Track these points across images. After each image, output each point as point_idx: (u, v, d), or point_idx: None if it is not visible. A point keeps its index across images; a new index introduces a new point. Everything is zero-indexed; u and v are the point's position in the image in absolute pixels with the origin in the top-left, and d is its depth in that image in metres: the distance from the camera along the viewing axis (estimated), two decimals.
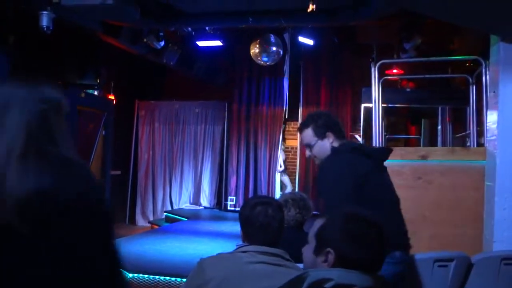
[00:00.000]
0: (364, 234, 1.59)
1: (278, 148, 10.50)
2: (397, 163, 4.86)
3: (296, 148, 10.57)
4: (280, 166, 10.51)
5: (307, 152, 2.96)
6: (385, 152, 2.93)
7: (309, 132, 2.87)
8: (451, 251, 3.08)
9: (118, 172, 9.59)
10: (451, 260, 2.85)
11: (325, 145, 2.83)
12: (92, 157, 7.85)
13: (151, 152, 11.05)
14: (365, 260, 1.57)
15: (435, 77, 7.62)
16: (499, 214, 4.21)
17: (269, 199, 2.36)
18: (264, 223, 2.19)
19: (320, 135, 2.83)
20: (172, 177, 11.04)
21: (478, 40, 5.94)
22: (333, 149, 2.79)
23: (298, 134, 10.38)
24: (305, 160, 10.13)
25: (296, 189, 9.98)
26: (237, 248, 2.22)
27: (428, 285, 2.81)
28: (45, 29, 5.60)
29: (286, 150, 10.79)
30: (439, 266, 2.82)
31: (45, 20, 5.59)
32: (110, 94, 9.31)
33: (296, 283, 1.61)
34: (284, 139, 10.73)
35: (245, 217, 2.25)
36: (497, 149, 4.29)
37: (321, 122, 2.86)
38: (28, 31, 6.12)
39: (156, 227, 9.34)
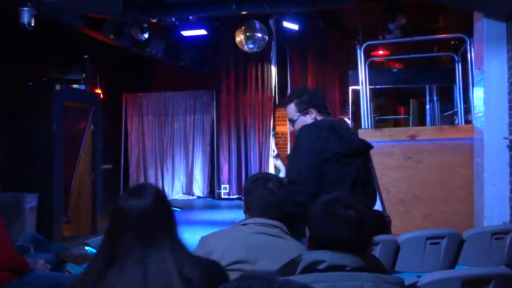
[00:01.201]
0: (340, 214, 1.58)
1: (269, 134, 10.53)
2: (387, 144, 4.90)
3: (287, 134, 10.58)
4: (274, 151, 10.56)
5: (289, 127, 2.98)
6: (360, 144, 2.84)
7: (292, 107, 2.88)
8: (443, 228, 3.11)
9: (109, 166, 9.55)
10: (442, 237, 2.88)
11: (307, 121, 2.84)
12: (81, 152, 7.80)
13: (141, 145, 11.01)
14: (340, 239, 1.57)
15: (421, 56, 7.63)
16: (488, 190, 4.26)
17: (270, 175, 2.47)
18: (262, 196, 2.26)
19: (303, 111, 2.85)
20: (163, 168, 11.03)
21: (462, 17, 5.96)
22: (313, 122, 2.81)
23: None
24: None
25: None
26: (237, 223, 2.29)
27: (421, 263, 2.84)
28: (26, 25, 5.52)
29: (276, 136, 10.82)
30: (431, 243, 2.85)
31: (25, 16, 5.50)
32: (96, 88, 9.24)
33: (291, 267, 1.63)
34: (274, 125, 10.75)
35: (247, 189, 2.34)
36: (484, 125, 4.33)
37: (305, 98, 2.86)
38: (9, 29, 6.03)
39: None
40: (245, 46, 8.38)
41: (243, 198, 2.39)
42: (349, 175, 2.65)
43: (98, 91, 9.20)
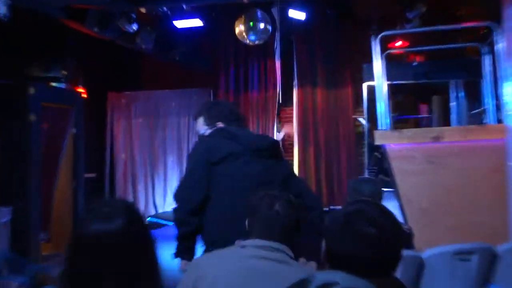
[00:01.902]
0: (358, 230, 1.55)
1: (272, 136, 10.47)
2: (405, 147, 4.86)
3: (293, 136, 10.53)
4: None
5: None
6: (257, 139, 3.16)
7: (200, 121, 3.27)
8: (473, 242, 3.07)
9: (93, 175, 9.52)
10: (473, 252, 2.83)
11: None
12: (60, 159, 7.76)
13: (129, 150, 10.97)
14: (356, 257, 1.53)
15: (443, 47, 7.60)
16: None
17: (280, 193, 2.40)
18: (266, 217, 2.25)
19: (210, 124, 3.20)
20: (154, 177, 10.99)
21: (489, 3, 5.93)
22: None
23: (294, 120, 10.37)
24: (303, 148, 10.14)
25: None
26: (235, 244, 2.29)
27: (450, 282, 2.80)
28: (1, 17, 5.52)
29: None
30: (460, 260, 2.81)
31: (0, 7, 5.50)
32: (79, 86, 9.22)
33: (301, 286, 1.59)
34: (280, 125, 10.71)
35: (251, 206, 2.32)
36: None
37: (214, 112, 3.23)
38: None
39: None
40: (246, 38, 8.36)
41: (247, 214, 2.36)
42: (246, 173, 2.92)
43: (81, 90, 9.18)
